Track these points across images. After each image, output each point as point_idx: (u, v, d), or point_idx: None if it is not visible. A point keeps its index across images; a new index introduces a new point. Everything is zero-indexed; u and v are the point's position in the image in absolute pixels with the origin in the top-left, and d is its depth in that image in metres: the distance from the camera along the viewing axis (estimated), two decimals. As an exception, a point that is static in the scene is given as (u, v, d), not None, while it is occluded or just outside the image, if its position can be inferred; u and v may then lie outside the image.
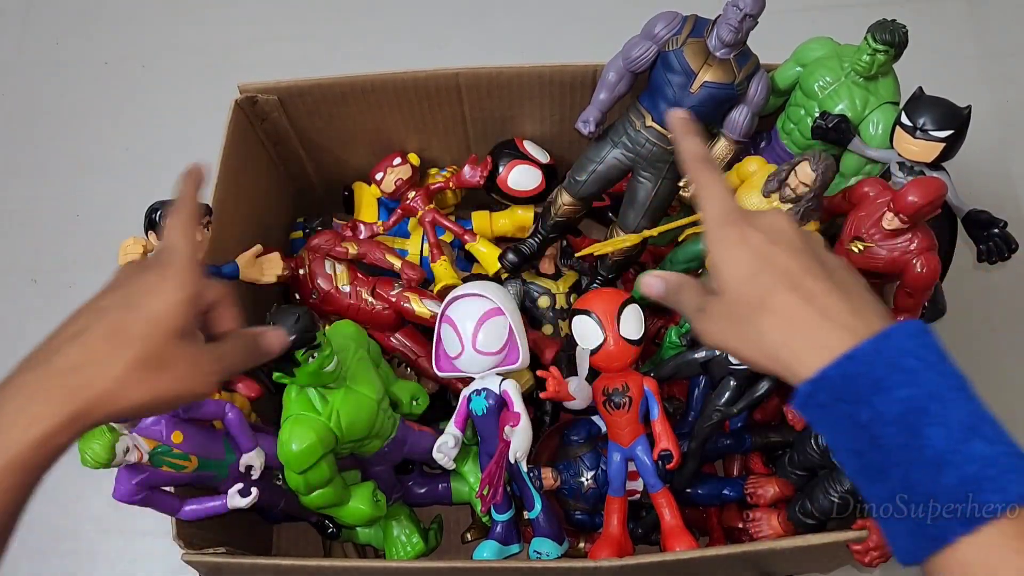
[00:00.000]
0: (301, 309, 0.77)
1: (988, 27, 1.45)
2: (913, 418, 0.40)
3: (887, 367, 0.41)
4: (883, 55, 0.89)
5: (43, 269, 1.34)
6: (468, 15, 1.52)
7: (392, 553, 0.96)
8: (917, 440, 0.40)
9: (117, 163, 1.43)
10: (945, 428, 0.40)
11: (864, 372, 0.42)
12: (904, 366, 0.41)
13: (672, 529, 0.88)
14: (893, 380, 0.41)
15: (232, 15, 1.57)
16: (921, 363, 0.41)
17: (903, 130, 0.83)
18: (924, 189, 0.75)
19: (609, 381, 0.89)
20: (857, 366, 0.42)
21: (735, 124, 0.92)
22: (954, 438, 0.40)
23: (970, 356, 1.18)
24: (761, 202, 0.81)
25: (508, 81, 1.04)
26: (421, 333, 1.06)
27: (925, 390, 0.41)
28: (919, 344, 0.42)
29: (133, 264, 0.73)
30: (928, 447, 0.40)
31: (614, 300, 0.90)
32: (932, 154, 0.81)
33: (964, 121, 0.80)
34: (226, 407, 0.82)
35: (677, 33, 0.89)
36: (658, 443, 0.88)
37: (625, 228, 0.98)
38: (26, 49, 1.56)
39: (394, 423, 0.89)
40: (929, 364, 0.42)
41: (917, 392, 0.41)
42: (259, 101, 1.03)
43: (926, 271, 0.78)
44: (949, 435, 0.40)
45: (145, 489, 0.77)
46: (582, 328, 0.90)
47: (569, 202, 0.99)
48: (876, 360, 0.42)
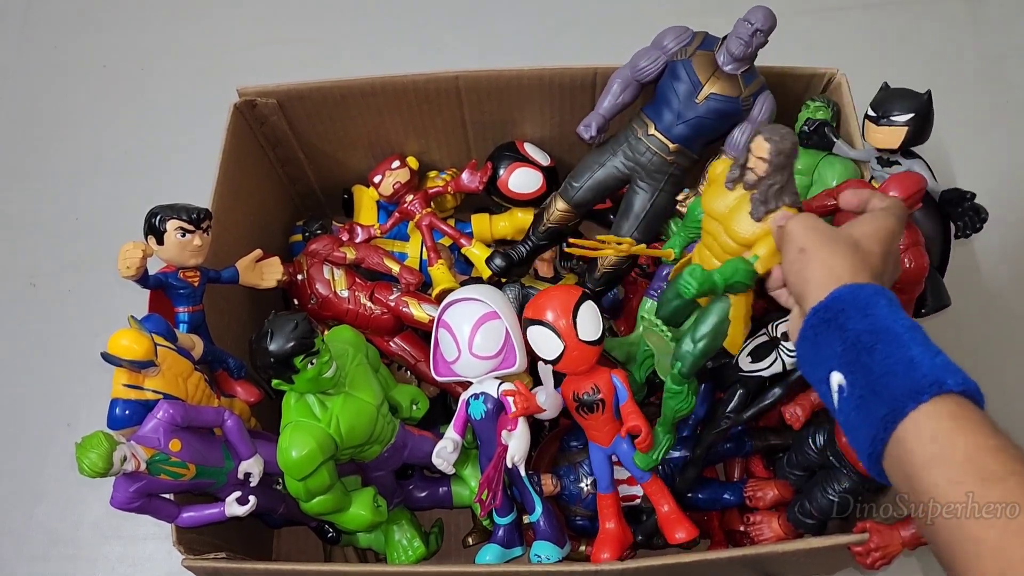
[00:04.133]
0: (299, 315, 0.77)
1: (988, 27, 1.45)
2: (882, 329, 0.55)
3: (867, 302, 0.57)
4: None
5: (42, 273, 1.34)
6: (467, 18, 1.52)
7: (393, 557, 0.96)
8: (885, 338, 0.54)
9: (116, 166, 1.43)
10: (900, 338, 0.54)
11: (851, 301, 0.57)
12: (877, 302, 0.57)
13: (669, 518, 0.87)
14: (871, 308, 0.56)
15: (231, 18, 1.57)
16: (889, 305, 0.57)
17: (870, 121, 0.87)
18: (904, 183, 0.77)
19: (577, 385, 0.86)
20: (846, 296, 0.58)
21: (737, 143, 0.93)
22: (906, 345, 0.53)
23: (971, 356, 1.18)
24: (727, 196, 0.74)
25: (508, 84, 1.04)
26: (420, 337, 1.06)
27: (889, 318, 0.56)
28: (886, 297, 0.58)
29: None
30: (893, 342, 0.54)
31: (567, 302, 0.85)
32: (898, 138, 0.85)
33: (924, 104, 0.85)
34: (225, 414, 0.81)
35: (687, 45, 0.90)
36: (626, 423, 0.85)
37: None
38: (25, 52, 1.56)
39: (393, 428, 0.89)
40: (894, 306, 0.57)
41: (884, 316, 0.56)
42: (258, 104, 1.02)
43: (914, 266, 0.80)
44: (903, 343, 0.54)
45: (143, 497, 0.76)
46: (539, 339, 0.85)
47: (563, 208, 0.98)
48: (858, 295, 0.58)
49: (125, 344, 0.75)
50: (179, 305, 0.89)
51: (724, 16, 1.24)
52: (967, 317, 1.21)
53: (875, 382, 0.53)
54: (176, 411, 0.76)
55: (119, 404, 0.78)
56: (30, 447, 1.21)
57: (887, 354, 0.53)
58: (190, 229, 0.84)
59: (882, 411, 0.52)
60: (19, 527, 1.15)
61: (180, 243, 0.84)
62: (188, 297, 0.88)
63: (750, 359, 0.87)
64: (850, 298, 0.57)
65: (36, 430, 1.22)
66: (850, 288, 0.57)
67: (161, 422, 0.76)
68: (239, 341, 0.99)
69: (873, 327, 0.55)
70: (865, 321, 0.55)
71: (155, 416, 0.76)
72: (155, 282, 0.86)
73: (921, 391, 0.50)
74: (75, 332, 1.27)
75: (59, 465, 1.19)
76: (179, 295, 0.88)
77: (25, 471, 1.19)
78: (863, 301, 0.56)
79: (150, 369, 0.78)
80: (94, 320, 1.16)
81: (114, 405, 0.78)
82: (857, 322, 0.55)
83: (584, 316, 0.84)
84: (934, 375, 0.51)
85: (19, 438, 1.22)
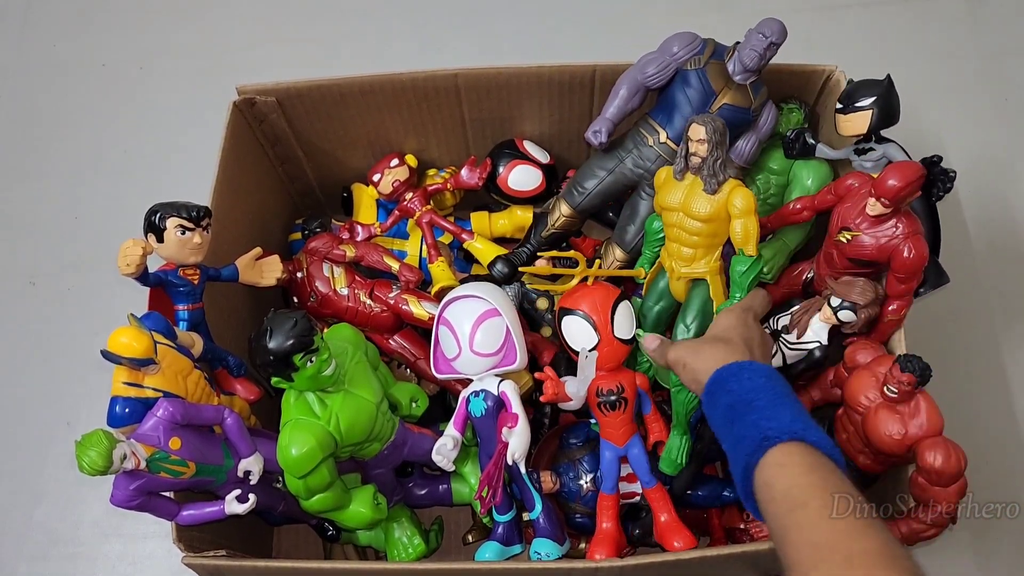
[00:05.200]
0: (298, 313, 0.77)
1: (988, 27, 1.45)
2: (744, 401, 0.69)
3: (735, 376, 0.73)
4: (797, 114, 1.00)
5: (41, 271, 1.34)
6: (467, 16, 1.52)
7: (394, 555, 0.96)
8: (745, 409, 0.69)
9: (116, 165, 1.43)
10: (759, 407, 0.68)
11: (724, 378, 0.73)
12: (743, 376, 0.72)
13: (668, 526, 0.88)
14: (735, 383, 0.72)
15: (230, 17, 1.57)
16: (757, 377, 0.72)
17: (838, 113, 0.90)
18: (902, 172, 0.77)
19: (603, 382, 0.88)
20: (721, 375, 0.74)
21: (741, 152, 0.94)
22: (763, 411, 0.67)
23: (971, 356, 1.19)
24: (678, 187, 0.84)
25: (507, 81, 1.04)
26: (420, 335, 1.06)
27: (751, 390, 0.70)
28: (753, 370, 0.73)
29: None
30: (750, 411, 0.68)
31: (606, 299, 0.88)
32: (864, 122, 0.88)
33: (885, 88, 0.88)
34: (225, 412, 0.81)
35: (698, 54, 0.90)
36: (651, 435, 0.91)
37: (622, 243, 0.98)
38: (24, 52, 1.56)
39: (393, 426, 0.89)
40: (765, 377, 0.72)
41: (747, 388, 0.71)
42: (257, 103, 1.02)
43: (914, 255, 0.80)
44: (760, 410, 0.68)
45: (143, 495, 0.76)
46: (574, 330, 0.88)
47: (568, 214, 0.98)
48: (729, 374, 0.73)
49: (125, 342, 0.75)
50: (179, 303, 0.89)
51: (722, 14, 1.24)
52: (968, 317, 1.21)
53: (734, 444, 0.68)
54: (176, 409, 0.76)
55: (119, 402, 0.78)
56: (30, 446, 1.21)
57: (742, 418, 0.68)
58: (190, 227, 0.84)
59: (743, 461, 0.66)
60: (19, 527, 1.15)
61: (180, 241, 0.84)
62: (188, 295, 0.88)
63: None
64: (716, 378, 0.73)
65: (36, 429, 1.22)
66: (718, 371, 0.73)
67: (161, 420, 0.76)
68: (239, 339, 0.99)
69: (733, 400, 0.70)
70: (730, 395, 0.71)
71: (155, 414, 0.76)
72: (155, 280, 0.86)
73: (756, 449, 0.64)
74: (75, 331, 1.27)
75: (59, 464, 1.19)
76: (179, 293, 0.88)
77: (25, 471, 1.19)
78: (724, 379, 0.72)
79: (150, 367, 0.78)
80: (94, 319, 1.16)
81: (114, 403, 0.78)
82: (725, 395, 0.71)
83: (621, 314, 0.88)
84: (772, 432, 0.65)
85: (19, 438, 1.22)
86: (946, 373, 0.92)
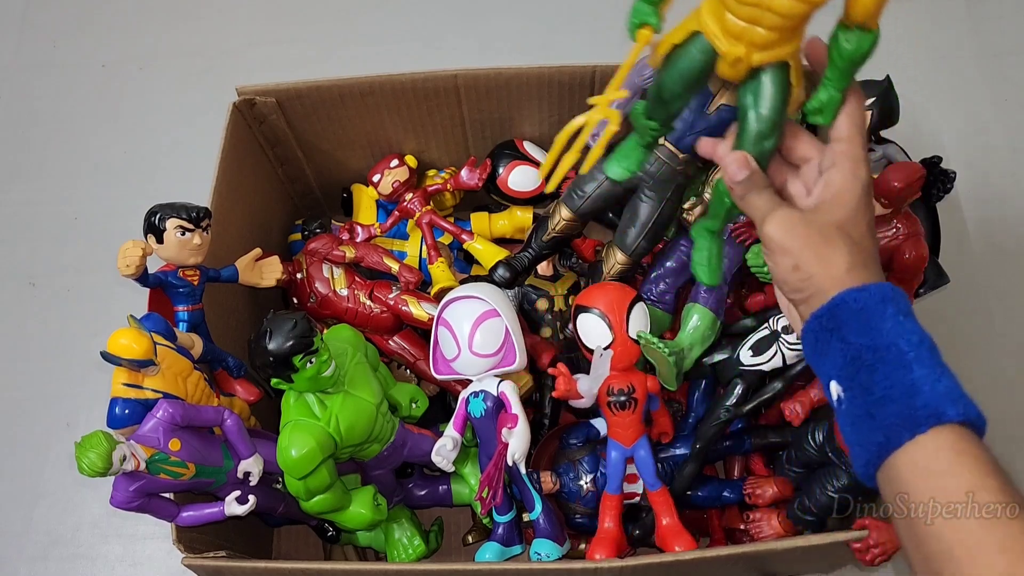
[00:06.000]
0: (298, 314, 0.77)
1: (987, 27, 1.45)
2: (884, 346, 0.52)
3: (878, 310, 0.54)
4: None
5: (41, 272, 1.34)
6: (466, 16, 1.52)
7: (394, 556, 0.96)
8: (887, 358, 0.52)
9: (115, 166, 1.43)
10: (903, 358, 0.51)
11: (864, 307, 0.54)
12: (886, 313, 0.53)
13: (670, 529, 0.88)
14: (875, 319, 0.53)
15: (230, 18, 1.57)
16: (907, 319, 0.53)
17: None
18: (903, 172, 0.77)
19: (615, 381, 0.88)
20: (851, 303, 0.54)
21: None
22: (908, 366, 0.51)
23: (971, 356, 1.19)
24: None
25: (507, 82, 1.04)
26: (420, 336, 1.06)
27: (894, 333, 0.52)
28: (899, 306, 0.54)
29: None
30: (895, 362, 0.51)
31: (622, 298, 0.88)
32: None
33: (884, 88, 0.86)
34: (224, 413, 0.81)
35: None
36: (656, 428, 0.93)
37: (623, 246, 0.97)
38: (24, 52, 1.56)
39: (393, 427, 0.89)
40: (914, 318, 0.54)
41: (889, 331, 0.52)
42: (257, 103, 1.02)
43: (914, 256, 0.80)
44: (906, 363, 0.51)
45: (142, 496, 0.76)
46: (588, 327, 0.88)
47: (569, 218, 0.98)
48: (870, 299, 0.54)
49: (124, 343, 0.75)
50: (178, 304, 0.89)
51: (722, 14, 1.22)
52: (967, 317, 1.21)
53: (873, 405, 0.51)
54: (175, 410, 0.76)
55: (118, 403, 0.78)
56: (30, 447, 1.21)
57: (887, 375, 0.51)
58: (190, 228, 0.84)
59: (878, 437, 0.50)
60: (19, 528, 1.15)
61: (180, 242, 0.84)
62: (188, 296, 0.88)
63: (751, 353, 0.87)
64: (853, 306, 0.53)
65: (36, 430, 1.22)
66: (853, 294, 0.53)
67: (161, 421, 0.76)
68: (239, 340, 0.99)
69: (875, 343, 0.52)
70: (868, 336, 0.52)
71: (154, 415, 0.76)
72: (155, 281, 0.86)
73: (919, 423, 0.49)
74: (75, 332, 1.27)
75: (59, 465, 1.19)
76: (179, 294, 0.88)
77: (25, 471, 1.19)
78: (868, 311, 0.53)
79: (149, 368, 0.78)
80: (94, 320, 1.16)
81: (113, 404, 0.78)
82: (859, 335, 0.52)
83: (636, 315, 0.87)
84: (935, 404, 0.49)
85: (19, 438, 1.22)
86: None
